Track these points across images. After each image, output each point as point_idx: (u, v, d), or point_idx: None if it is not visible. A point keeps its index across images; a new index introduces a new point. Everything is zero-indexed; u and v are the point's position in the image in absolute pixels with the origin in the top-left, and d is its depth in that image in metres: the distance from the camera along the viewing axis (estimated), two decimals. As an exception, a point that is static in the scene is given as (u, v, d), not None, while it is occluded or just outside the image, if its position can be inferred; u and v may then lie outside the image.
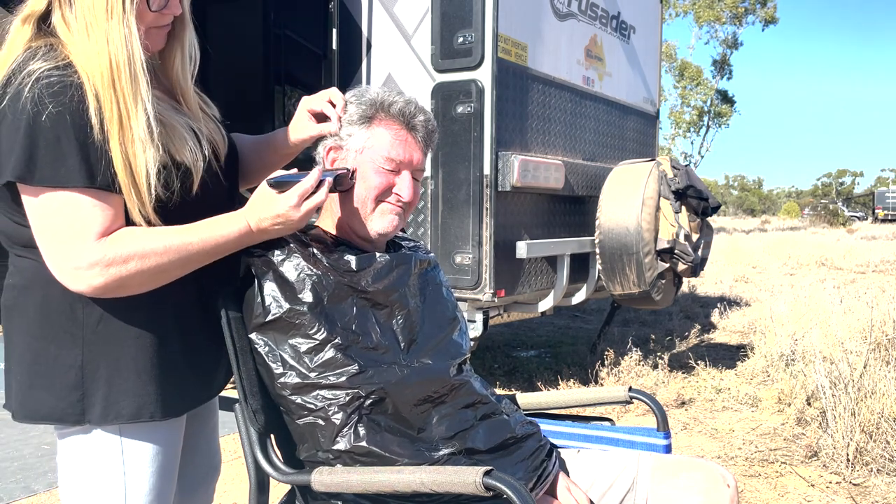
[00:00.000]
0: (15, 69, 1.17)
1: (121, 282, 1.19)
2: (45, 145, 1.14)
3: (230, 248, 1.30)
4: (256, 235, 1.31)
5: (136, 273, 1.20)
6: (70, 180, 1.15)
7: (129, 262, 1.19)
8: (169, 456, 1.34)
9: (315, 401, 1.32)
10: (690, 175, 4.22)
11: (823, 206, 40.72)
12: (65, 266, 1.18)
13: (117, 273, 1.18)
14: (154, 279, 1.23)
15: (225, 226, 1.28)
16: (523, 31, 3.81)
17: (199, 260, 1.26)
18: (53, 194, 1.16)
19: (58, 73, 1.16)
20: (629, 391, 1.72)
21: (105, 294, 1.21)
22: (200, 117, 1.40)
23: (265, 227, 1.30)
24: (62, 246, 1.17)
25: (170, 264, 1.23)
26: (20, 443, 3.52)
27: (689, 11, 30.06)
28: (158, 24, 1.29)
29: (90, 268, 1.17)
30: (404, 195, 1.45)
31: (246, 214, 1.30)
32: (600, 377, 4.68)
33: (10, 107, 1.14)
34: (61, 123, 1.14)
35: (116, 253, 1.18)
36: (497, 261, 3.63)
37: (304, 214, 1.30)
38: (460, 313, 1.61)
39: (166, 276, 1.24)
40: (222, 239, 1.27)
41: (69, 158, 1.15)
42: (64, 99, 1.15)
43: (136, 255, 1.19)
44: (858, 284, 9.74)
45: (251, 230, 1.29)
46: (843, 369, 3.61)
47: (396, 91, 1.49)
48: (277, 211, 1.28)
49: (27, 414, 1.25)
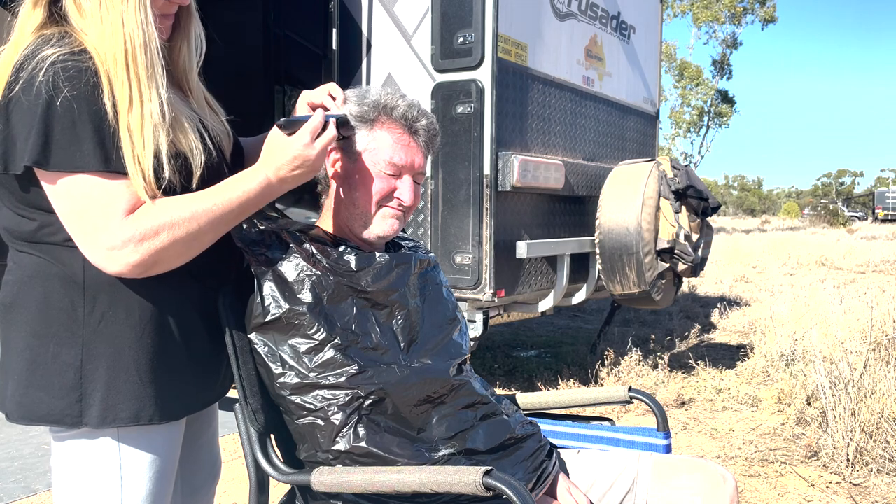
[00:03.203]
0: (28, 55, 1.16)
1: (157, 255, 1.18)
2: (60, 130, 1.13)
3: (255, 203, 1.27)
4: (277, 185, 1.28)
5: (169, 244, 1.18)
6: (86, 164, 1.15)
7: (160, 233, 1.17)
8: (167, 460, 1.32)
9: (314, 401, 1.32)
10: (690, 175, 4.22)
11: (823, 206, 40.73)
12: (99, 248, 1.17)
13: (151, 247, 1.17)
14: (188, 248, 1.22)
15: (245, 182, 1.26)
16: (523, 31, 3.81)
17: (227, 221, 1.25)
18: (72, 178, 1.15)
19: (73, 59, 1.16)
20: (629, 391, 1.72)
21: (145, 272, 1.19)
22: (207, 111, 1.39)
23: (284, 174, 1.27)
24: (92, 228, 1.16)
25: (199, 230, 1.21)
26: (20, 443, 3.52)
27: (686, 12, 30.05)
28: (165, 13, 1.29)
29: (124, 245, 1.16)
30: (406, 199, 1.45)
31: (263, 166, 1.28)
32: (600, 377, 4.68)
33: (25, 92, 1.13)
34: (77, 108, 1.14)
35: (147, 226, 1.17)
36: (497, 261, 3.63)
37: (319, 152, 1.28)
38: (460, 313, 1.61)
39: (199, 242, 1.23)
40: (244, 195, 1.25)
41: (85, 143, 1.14)
42: (79, 84, 1.14)
43: (166, 226, 1.18)
44: (858, 284, 9.75)
45: (271, 181, 1.27)
46: (843, 369, 3.61)
47: (399, 94, 1.48)
48: (293, 153, 1.26)
49: (23, 414, 1.22)
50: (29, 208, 1.20)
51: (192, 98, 1.38)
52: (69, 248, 1.21)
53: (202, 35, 1.41)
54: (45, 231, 1.21)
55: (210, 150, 1.32)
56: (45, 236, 1.22)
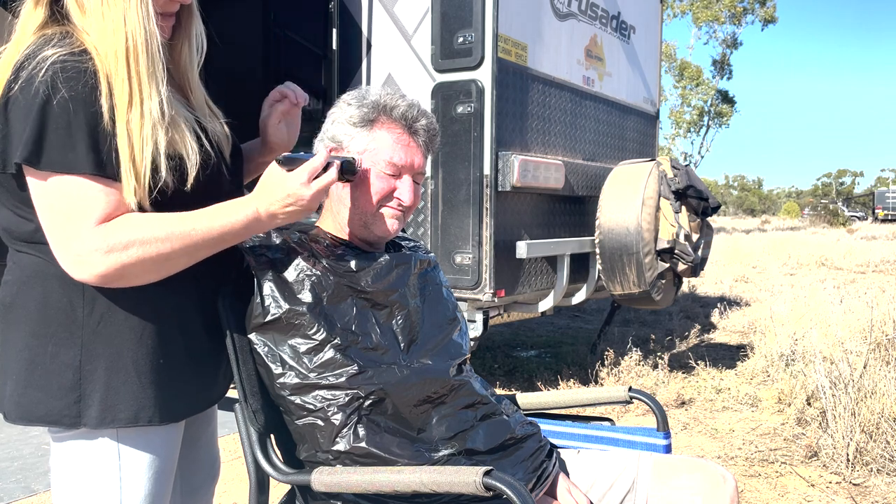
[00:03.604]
0: (29, 54, 1.15)
1: (123, 270, 1.16)
2: (54, 129, 1.13)
3: (237, 235, 1.25)
4: (266, 221, 1.26)
5: (137, 261, 1.16)
6: (77, 166, 1.14)
7: (129, 248, 1.15)
8: (167, 461, 1.32)
9: (314, 401, 1.31)
10: (690, 175, 4.22)
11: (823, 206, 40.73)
12: (67, 253, 1.16)
13: (118, 260, 1.15)
14: (158, 267, 1.20)
15: (232, 212, 1.23)
16: (523, 31, 3.81)
17: (205, 248, 1.22)
18: (59, 178, 1.14)
19: (73, 59, 1.15)
20: (629, 391, 1.72)
21: (108, 283, 1.18)
22: (207, 113, 1.39)
23: (275, 210, 1.25)
24: (63, 232, 1.15)
25: (172, 252, 1.19)
26: (20, 443, 3.52)
27: (686, 12, 30.05)
28: (166, 11, 1.29)
29: (90, 254, 1.14)
30: (405, 200, 1.45)
31: (254, 199, 1.25)
32: (600, 377, 4.68)
33: (23, 91, 1.13)
34: (73, 109, 1.13)
35: (116, 239, 1.15)
36: (497, 261, 3.63)
37: (314, 194, 1.25)
38: (460, 313, 1.61)
39: (171, 264, 1.21)
40: (228, 226, 1.23)
41: (78, 144, 1.14)
42: (77, 85, 1.14)
43: (136, 242, 1.16)
44: (858, 284, 9.75)
45: (260, 216, 1.25)
46: (843, 369, 3.61)
47: (399, 94, 1.48)
48: (287, 190, 1.24)
49: (22, 415, 1.22)
50: (28, 209, 1.20)
51: (192, 99, 1.37)
52: None
53: (203, 35, 1.40)
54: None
55: (207, 152, 1.31)
56: (44, 237, 1.21)
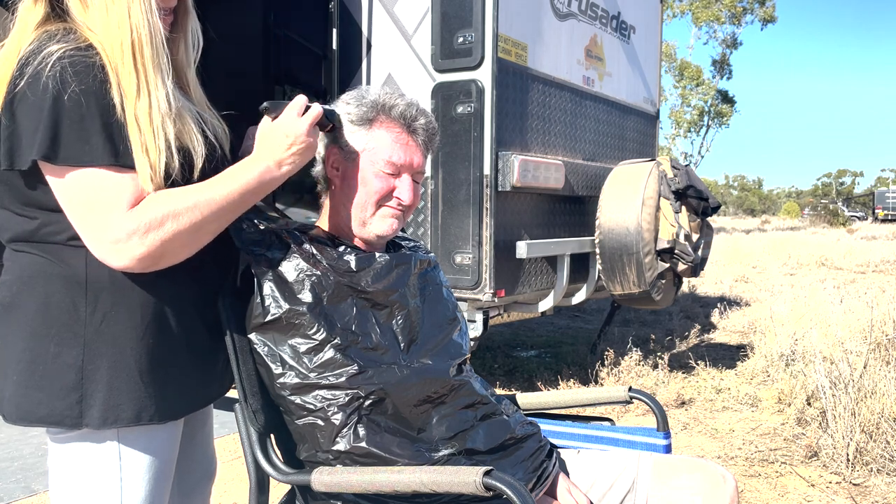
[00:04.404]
0: (33, 50, 1.15)
1: (163, 246, 1.18)
2: (69, 125, 1.13)
3: (256, 192, 1.28)
4: (276, 170, 1.29)
5: (174, 235, 1.18)
6: (94, 159, 1.15)
7: (164, 223, 1.17)
8: (166, 461, 1.32)
9: (314, 401, 1.31)
10: (690, 175, 4.22)
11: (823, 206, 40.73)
12: (104, 242, 1.16)
13: (156, 237, 1.17)
14: (193, 238, 1.22)
15: (244, 172, 1.27)
16: (523, 31, 3.81)
17: (230, 210, 1.25)
18: (79, 172, 1.15)
19: (80, 54, 1.16)
20: (629, 391, 1.72)
21: (152, 265, 1.19)
22: (205, 106, 1.40)
23: (280, 156, 1.29)
24: (97, 222, 1.16)
25: (203, 220, 1.21)
26: (20, 443, 3.52)
27: (686, 12, 30.05)
28: (166, 6, 1.29)
29: (129, 238, 1.16)
30: (405, 199, 1.45)
31: (259, 154, 1.30)
32: (600, 377, 4.68)
33: (31, 87, 1.13)
34: (85, 102, 1.14)
35: (151, 217, 1.17)
36: (497, 261, 3.63)
37: (309, 127, 1.30)
38: (460, 313, 1.61)
39: (203, 232, 1.23)
40: (245, 184, 1.26)
41: (93, 137, 1.15)
42: (87, 78, 1.15)
43: (169, 216, 1.18)
44: (858, 284, 9.75)
45: (269, 167, 1.28)
46: (843, 369, 3.61)
47: (398, 93, 1.49)
48: (283, 131, 1.29)
49: (22, 416, 1.21)
50: (30, 207, 1.20)
51: (190, 94, 1.38)
52: (73, 247, 1.21)
53: (199, 31, 1.41)
54: (48, 230, 1.21)
55: (212, 144, 1.32)
56: (47, 235, 1.21)
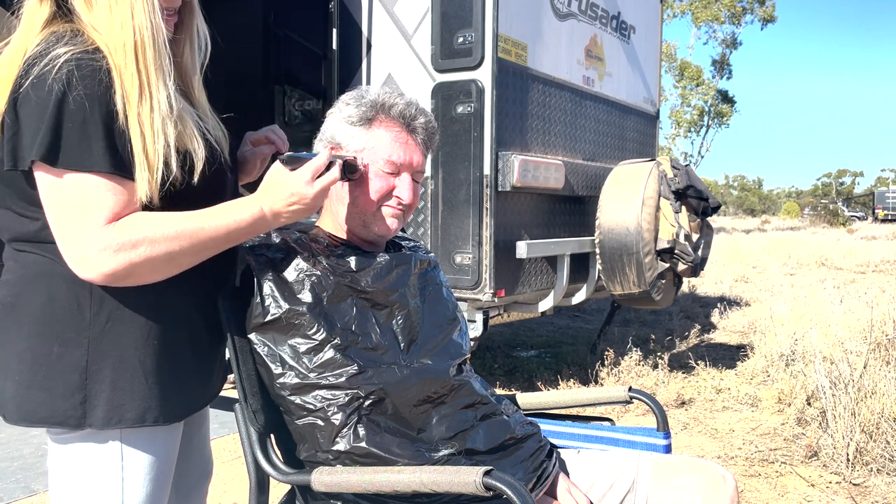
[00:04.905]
0: (40, 52, 1.15)
1: (131, 268, 1.16)
2: (71, 128, 1.12)
3: (243, 234, 1.26)
4: (270, 220, 1.28)
5: (145, 260, 1.17)
6: (93, 164, 1.14)
7: (138, 247, 1.16)
8: (167, 461, 1.31)
9: (314, 401, 1.31)
10: (690, 175, 4.22)
11: (823, 206, 40.73)
12: (74, 252, 1.15)
13: (125, 259, 1.15)
14: (165, 266, 1.20)
15: (238, 211, 1.25)
16: (523, 31, 3.81)
17: (212, 246, 1.23)
18: (73, 176, 1.14)
19: (87, 58, 1.15)
20: (629, 391, 1.72)
21: (115, 282, 1.18)
22: (207, 110, 1.39)
23: (279, 209, 1.27)
24: (72, 231, 1.15)
25: (181, 251, 1.19)
26: (20, 443, 3.52)
27: (686, 12, 30.05)
28: (169, 6, 1.29)
29: (99, 253, 1.14)
30: (405, 198, 1.45)
31: (259, 198, 1.27)
32: (600, 377, 4.68)
33: (35, 88, 1.12)
34: (88, 107, 1.13)
35: (126, 237, 1.15)
36: (497, 261, 3.63)
37: (318, 192, 1.27)
38: (460, 313, 1.61)
39: (176, 263, 1.21)
40: (235, 224, 1.24)
41: (94, 143, 1.14)
42: (92, 83, 1.14)
43: (145, 240, 1.16)
44: (858, 284, 9.75)
45: (265, 215, 1.26)
46: (843, 369, 3.61)
47: (397, 92, 1.49)
48: (291, 189, 1.26)
49: (24, 416, 1.21)
50: (33, 207, 1.19)
51: (193, 97, 1.37)
52: None
53: (206, 34, 1.40)
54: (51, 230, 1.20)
55: (212, 147, 1.31)
56: (50, 236, 1.20)
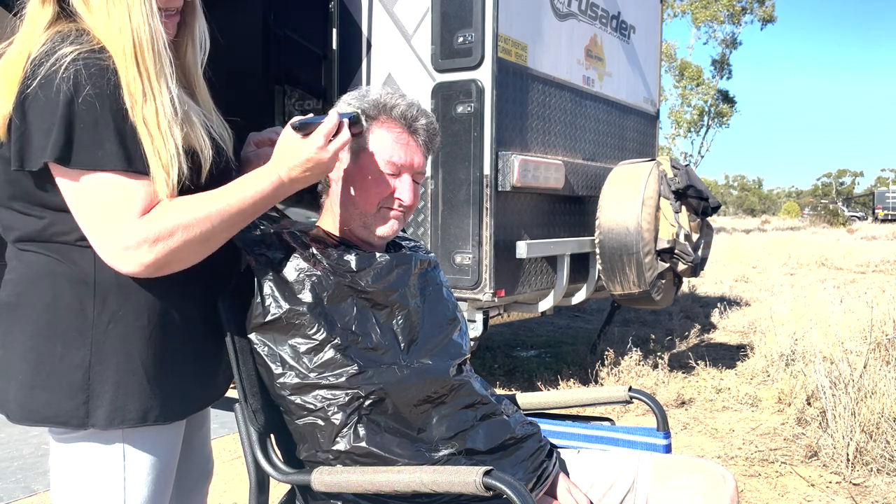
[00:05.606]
0: (46, 51, 1.15)
1: (171, 255, 1.18)
2: (83, 127, 1.13)
3: (267, 202, 1.28)
4: (289, 185, 1.29)
5: (182, 244, 1.18)
6: (108, 163, 1.15)
7: (174, 233, 1.17)
8: (168, 461, 1.32)
9: (314, 401, 1.31)
10: (690, 175, 4.22)
11: (823, 206, 40.76)
12: (113, 248, 1.16)
13: (165, 247, 1.17)
14: (202, 247, 1.22)
15: (258, 181, 1.26)
16: (523, 31, 3.81)
17: (240, 220, 1.26)
18: (91, 176, 1.15)
19: (94, 57, 1.15)
20: (629, 391, 1.72)
21: (157, 272, 1.19)
22: (211, 109, 1.39)
23: (296, 175, 1.28)
24: (108, 228, 1.16)
25: (213, 229, 1.21)
26: (20, 443, 3.52)
27: (686, 12, 30.06)
28: (170, 7, 1.29)
29: (139, 246, 1.16)
30: (405, 199, 1.45)
31: (275, 166, 1.28)
32: (600, 377, 4.68)
33: (43, 88, 1.12)
34: (99, 106, 1.13)
35: (161, 227, 1.17)
36: (497, 261, 3.63)
37: (332, 155, 1.29)
38: (460, 313, 1.61)
39: (212, 242, 1.23)
40: (258, 195, 1.26)
41: (107, 142, 1.14)
42: (101, 82, 1.14)
43: (180, 226, 1.18)
44: (858, 284, 9.75)
45: (283, 181, 1.28)
46: (843, 369, 3.61)
47: (399, 93, 1.48)
48: (306, 155, 1.27)
49: (27, 416, 1.21)
50: (38, 207, 1.19)
51: (197, 96, 1.38)
52: (81, 247, 1.20)
53: (206, 33, 1.40)
54: (56, 230, 1.21)
55: (218, 146, 1.32)
56: (55, 235, 1.21)
